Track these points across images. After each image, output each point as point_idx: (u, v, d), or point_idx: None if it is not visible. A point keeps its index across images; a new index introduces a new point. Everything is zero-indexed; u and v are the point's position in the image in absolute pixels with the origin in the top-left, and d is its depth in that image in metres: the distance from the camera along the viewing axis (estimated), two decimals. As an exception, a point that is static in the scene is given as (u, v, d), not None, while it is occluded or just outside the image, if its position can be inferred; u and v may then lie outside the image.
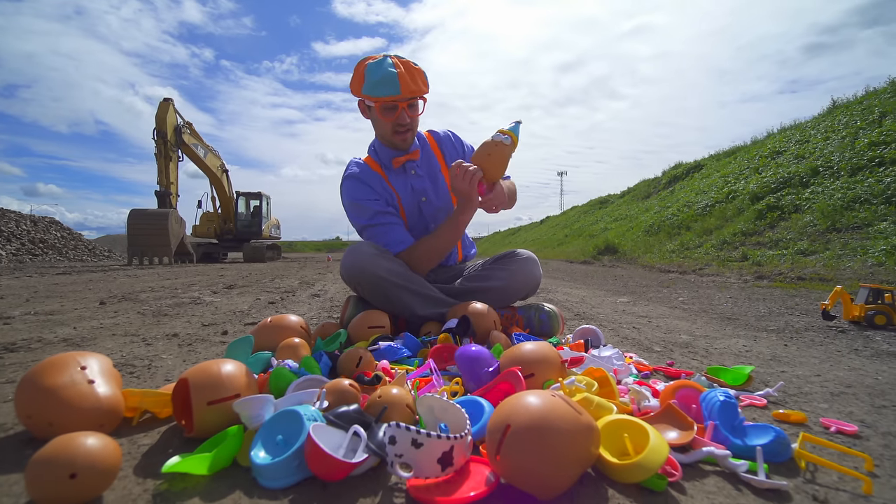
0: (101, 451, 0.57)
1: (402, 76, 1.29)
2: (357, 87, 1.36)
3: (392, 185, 1.50)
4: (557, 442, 0.56)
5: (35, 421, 0.71)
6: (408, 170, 1.52)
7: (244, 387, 0.77)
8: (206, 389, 0.72)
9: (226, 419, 0.72)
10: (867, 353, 1.42)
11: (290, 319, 1.32)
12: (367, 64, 1.33)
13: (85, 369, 0.77)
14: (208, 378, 0.74)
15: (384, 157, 1.50)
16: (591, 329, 1.38)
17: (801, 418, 0.84)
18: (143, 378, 1.09)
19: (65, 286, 3.71)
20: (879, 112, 7.06)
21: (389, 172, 1.50)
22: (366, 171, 1.49)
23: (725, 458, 0.65)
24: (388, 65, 1.30)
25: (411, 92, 1.32)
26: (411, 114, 1.39)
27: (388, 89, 1.29)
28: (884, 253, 3.94)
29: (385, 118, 1.37)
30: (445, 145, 1.61)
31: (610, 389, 0.86)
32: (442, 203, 1.57)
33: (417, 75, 1.34)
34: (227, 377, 0.75)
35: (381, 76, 1.29)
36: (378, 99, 1.32)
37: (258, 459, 0.62)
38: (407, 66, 1.32)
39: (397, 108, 1.35)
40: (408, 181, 1.52)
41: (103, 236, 37.84)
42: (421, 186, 1.53)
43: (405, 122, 1.38)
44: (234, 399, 0.73)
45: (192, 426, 0.72)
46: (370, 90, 1.31)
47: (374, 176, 1.49)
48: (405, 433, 0.58)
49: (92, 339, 1.54)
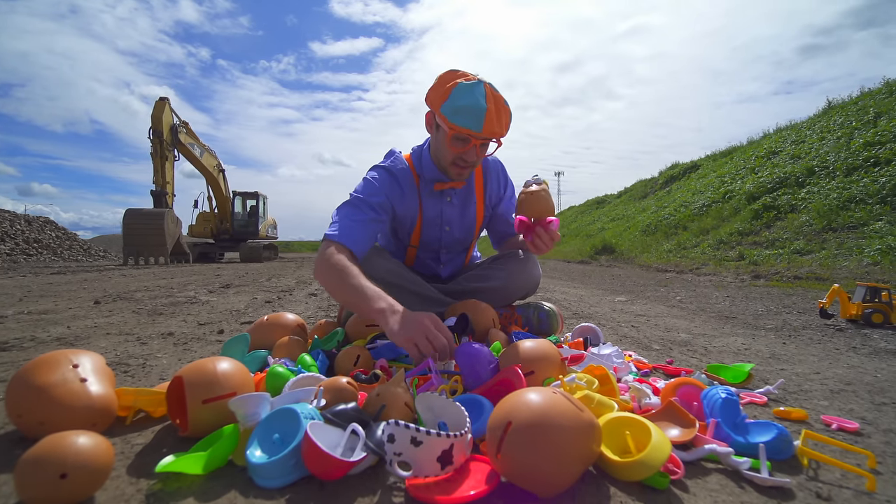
0: (93, 451, 0.56)
1: (490, 114, 1.16)
2: (436, 101, 1.20)
3: (421, 199, 1.41)
4: (559, 439, 0.55)
5: (26, 420, 0.69)
6: (444, 195, 1.42)
7: (240, 385, 0.75)
8: (201, 387, 0.71)
9: (221, 418, 0.70)
10: (865, 351, 1.42)
11: (287, 318, 1.31)
12: (458, 83, 1.17)
13: (77, 367, 0.76)
14: (203, 376, 0.73)
15: (428, 173, 1.38)
16: (590, 327, 1.37)
17: (802, 416, 0.84)
18: (137, 377, 1.08)
19: (59, 286, 3.68)
20: (874, 112, 7.10)
21: (425, 189, 1.40)
22: (404, 172, 1.37)
23: (728, 455, 0.64)
24: (481, 94, 1.16)
25: (492, 133, 1.19)
26: (481, 152, 1.27)
27: (470, 122, 1.16)
28: (879, 252, 3.97)
29: (453, 148, 1.23)
30: (490, 179, 1.49)
31: (610, 387, 0.85)
32: (461, 235, 1.50)
33: (504, 116, 1.21)
34: (223, 375, 0.74)
35: (469, 105, 1.15)
36: (454, 127, 1.18)
37: (254, 458, 0.61)
38: (498, 103, 1.19)
39: (469, 143, 1.22)
40: (440, 205, 1.42)
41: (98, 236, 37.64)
42: (450, 216, 1.44)
43: (471, 158, 1.26)
44: (229, 397, 0.71)
45: (186, 425, 0.71)
46: (450, 114, 1.17)
47: (410, 183, 1.37)
48: (404, 431, 0.57)
49: (86, 338, 1.52)
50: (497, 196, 1.54)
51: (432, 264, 1.55)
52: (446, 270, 1.59)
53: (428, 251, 1.52)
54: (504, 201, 1.56)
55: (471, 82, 1.17)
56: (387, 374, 0.99)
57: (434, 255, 1.54)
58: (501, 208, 1.56)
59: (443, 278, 1.59)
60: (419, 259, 1.54)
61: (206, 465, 0.61)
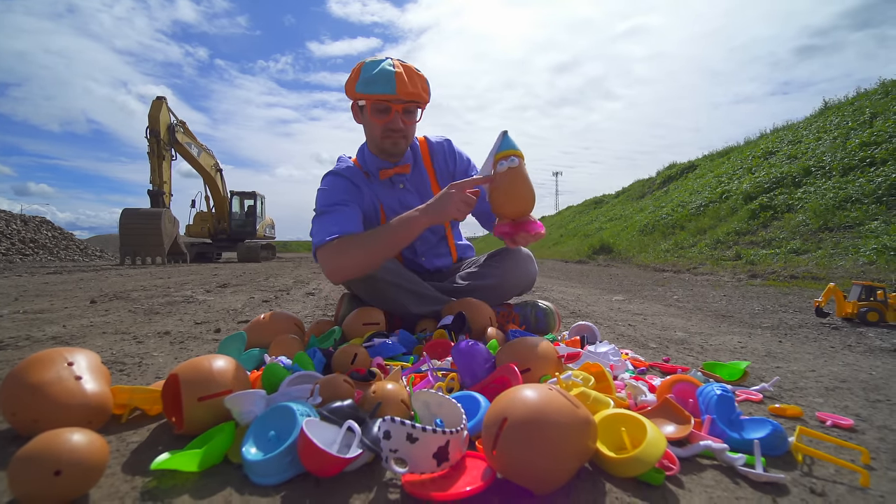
0: (87, 448, 0.55)
1: (401, 76, 1.21)
2: (351, 87, 1.28)
3: (378, 194, 1.41)
4: (555, 435, 0.55)
5: (20, 418, 0.69)
6: (395, 183, 1.42)
7: (236, 382, 0.75)
8: (196, 385, 0.71)
9: (217, 415, 0.70)
10: (860, 349, 1.42)
11: (284, 316, 1.31)
12: (364, 62, 1.25)
13: (72, 365, 0.75)
14: (199, 373, 0.72)
15: (371, 165, 1.39)
16: (587, 326, 1.38)
17: (797, 412, 0.84)
18: (133, 375, 1.07)
19: (55, 285, 3.66)
20: (870, 113, 7.14)
21: (374, 182, 1.41)
22: (353, 171, 1.40)
23: (723, 451, 0.65)
24: (388, 63, 1.22)
25: (408, 94, 1.22)
26: (406, 119, 1.29)
27: (382, 87, 1.21)
28: (875, 251, 3.99)
29: (376, 119, 1.27)
30: (437, 160, 1.50)
31: (606, 384, 0.85)
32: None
33: (418, 80, 1.25)
34: (219, 372, 0.74)
35: (377, 73, 1.21)
36: (370, 97, 1.23)
37: (250, 455, 0.60)
38: (408, 69, 1.24)
39: (390, 111, 1.25)
40: (395, 194, 1.43)
41: (95, 236, 37.47)
42: (410, 202, 1.42)
43: (398, 126, 1.28)
44: (225, 395, 0.71)
45: (182, 423, 0.71)
46: (363, 87, 1.23)
47: (361, 179, 1.40)
48: (400, 428, 0.56)
49: (81, 337, 1.51)
50: (448, 173, 1.50)
51: (410, 255, 1.53)
52: (430, 262, 1.56)
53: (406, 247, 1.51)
54: (459, 177, 1.47)
55: (376, 59, 1.25)
56: (383, 371, 0.99)
57: (409, 247, 1.48)
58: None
59: (430, 271, 1.57)
60: (404, 256, 1.53)
61: (201, 463, 0.60)
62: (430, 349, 1.08)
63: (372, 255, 1.22)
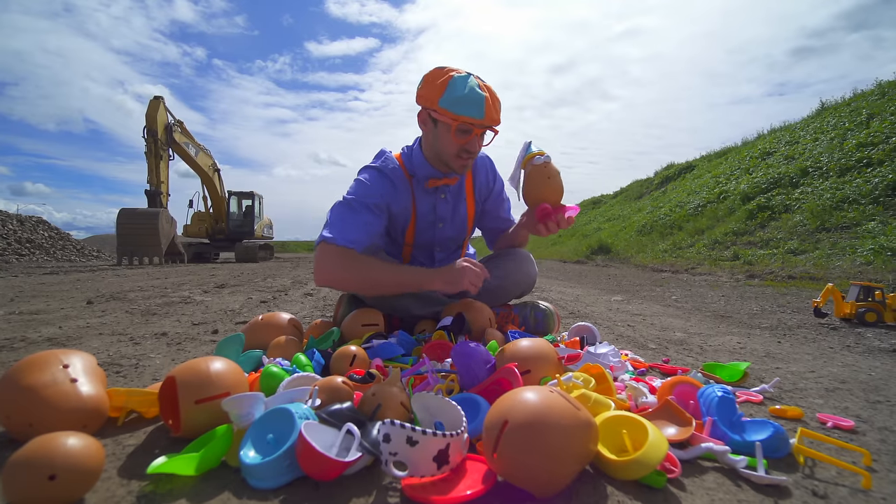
0: (82, 452, 0.55)
1: (489, 101, 1.19)
2: (432, 98, 1.21)
3: (415, 198, 1.40)
4: (555, 438, 0.55)
5: (14, 422, 0.68)
6: (438, 192, 1.42)
7: (234, 384, 0.75)
8: (193, 387, 0.70)
9: (214, 418, 0.69)
10: (859, 350, 1.42)
11: (282, 317, 1.30)
12: (451, 75, 1.20)
13: (67, 367, 0.74)
14: (196, 375, 0.72)
15: (421, 170, 1.37)
16: (586, 326, 1.37)
17: (797, 414, 0.84)
18: (129, 377, 1.06)
19: (51, 286, 3.64)
20: (867, 114, 7.16)
21: (417, 186, 1.40)
22: (397, 172, 1.37)
23: (724, 453, 0.64)
24: (476, 84, 1.19)
25: (493, 120, 1.22)
26: (481, 142, 1.29)
27: (472, 110, 1.18)
28: (872, 252, 4.00)
29: (457, 140, 1.24)
30: (479, 174, 1.50)
31: (607, 386, 0.85)
32: (455, 232, 1.50)
33: (498, 105, 1.24)
34: (216, 375, 0.73)
35: (468, 94, 1.17)
36: (458, 118, 1.19)
37: (248, 459, 0.60)
38: (492, 93, 1.22)
39: (472, 133, 1.24)
40: (432, 201, 1.42)
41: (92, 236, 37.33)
42: (443, 212, 1.44)
43: (475, 149, 1.27)
44: (223, 397, 0.70)
45: (179, 426, 0.70)
46: (451, 105, 1.19)
47: (402, 181, 1.38)
48: (400, 431, 0.56)
49: (77, 339, 1.50)
50: (486, 190, 1.53)
51: (427, 263, 1.54)
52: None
53: (422, 249, 1.51)
54: (493, 196, 1.54)
55: (462, 75, 1.21)
56: (382, 373, 0.99)
57: (428, 254, 1.53)
58: (490, 203, 1.54)
59: None
60: (414, 258, 1.53)
61: (198, 467, 0.60)
62: (430, 350, 1.08)
63: (369, 286, 1.27)
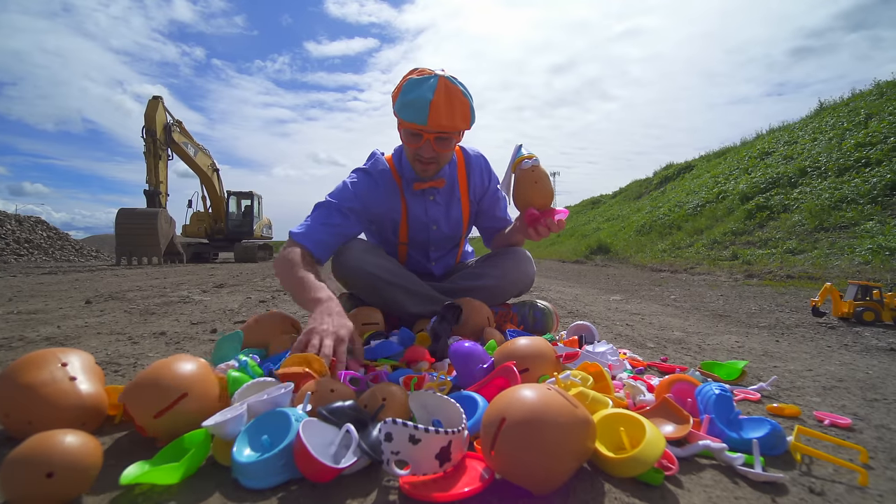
0: (80, 450, 0.55)
1: (436, 106, 1.13)
2: (393, 99, 1.24)
3: (404, 199, 1.40)
4: (553, 436, 0.55)
5: (13, 419, 0.68)
6: (427, 194, 1.42)
7: (191, 383, 0.70)
8: (145, 405, 0.66)
9: (184, 420, 0.66)
10: (857, 349, 1.43)
11: (281, 316, 1.30)
12: (409, 78, 1.18)
13: (66, 366, 0.74)
14: (144, 391, 0.67)
15: (407, 173, 1.38)
16: (585, 325, 1.37)
17: (794, 412, 0.84)
18: (128, 376, 1.07)
19: (50, 285, 3.64)
20: (865, 114, 7.18)
21: (407, 188, 1.40)
22: (385, 175, 1.37)
23: (722, 451, 0.64)
24: (429, 88, 1.13)
25: (440, 126, 1.16)
26: (438, 147, 1.23)
27: (414, 115, 1.15)
28: (870, 251, 4.01)
29: (408, 144, 1.25)
30: (473, 173, 1.48)
31: (605, 384, 0.85)
32: (450, 231, 1.50)
33: (458, 107, 1.16)
34: (167, 382, 0.68)
35: (414, 99, 1.14)
36: (402, 122, 1.20)
37: (241, 458, 0.59)
38: (450, 94, 1.15)
39: (422, 138, 1.21)
40: (423, 204, 1.42)
41: (91, 236, 37.25)
42: (435, 215, 1.44)
43: (427, 154, 1.25)
44: (181, 400, 0.67)
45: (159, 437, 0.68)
46: (399, 109, 1.19)
47: (391, 183, 1.37)
48: (402, 429, 0.56)
49: (76, 338, 1.50)
50: (481, 190, 1.52)
51: (423, 261, 1.55)
52: (438, 268, 1.58)
53: (417, 249, 1.52)
54: (488, 195, 1.53)
55: (422, 77, 1.16)
56: (370, 371, 0.98)
57: (424, 253, 1.53)
58: (486, 203, 1.54)
59: (436, 276, 1.58)
60: (411, 257, 1.54)
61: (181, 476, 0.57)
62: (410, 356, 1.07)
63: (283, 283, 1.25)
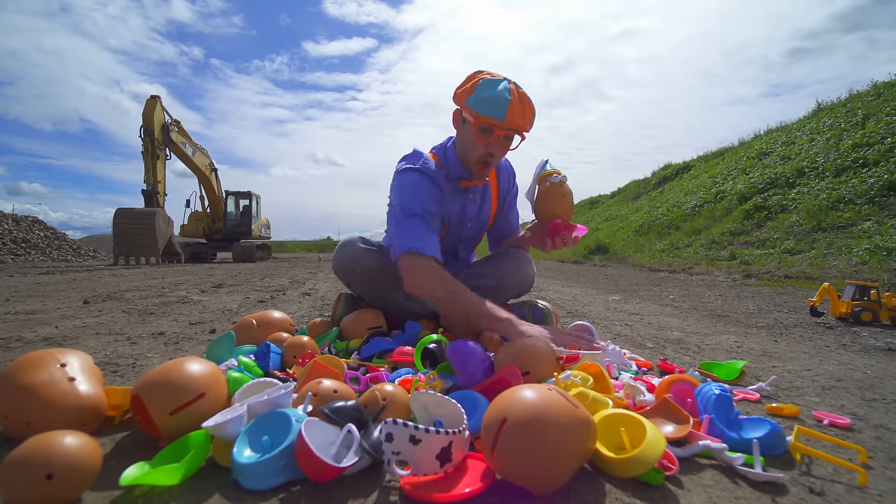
0: (80, 451, 0.55)
1: (514, 105, 1.20)
2: (462, 96, 1.25)
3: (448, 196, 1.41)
4: (554, 436, 0.55)
5: (12, 421, 0.68)
6: (468, 192, 1.44)
7: (207, 384, 0.71)
8: (163, 401, 0.67)
9: (196, 420, 0.67)
10: (855, 349, 1.43)
11: (273, 316, 1.30)
12: (482, 78, 1.23)
13: (65, 366, 0.74)
14: (160, 388, 0.68)
15: (455, 170, 1.39)
16: (584, 325, 1.37)
17: (794, 412, 0.84)
18: (127, 377, 1.06)
19: (47, 285, 3.62)
20: (862, 114, 7.21)
21: (450, 185, 1.41)
22: (438, 173, 1.35)
23: (722, 451, 0.65)
24: (504, 88, 1.21)
25: (515, 124, 1.22)
26: (504, 146, 1.30)
27: (493, 111, 1.20)
28: (867, 252, 4.02)
29: (478, 139, 1.26)
30: (502, 177, 1.54)
31: (605, 384, 0.85)
32: (475, 231, 1.52)
33: (528, 111, 1.24)
34: (185, 380, 0.69)
35: (493, 96, 1.20)
36: (479, 117, 1.22)
37: (241, 458, 0.58)
38: (522, 98, 1.23)
39: (493, 133, 1.25)
40: (462, 201, 1.44)
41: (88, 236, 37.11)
42: (471, 212, 1.47)
43: (495, 150, 1.29)
44: (198, 399, 0.68)
45: (163, 436, 0.68)
46: (475, 104, 1.21)
47: (443, 182, 1.37)
48: (403, 430, 0.56)
49: (74, 338, 1.49)
50: (505, 192, 1.56)
51: (450, 260, 1.53)
52: (463, 265, 1.58)
53: (447, 247, 1.51)
54: (509, 199, 1.58)
55: (495, 78, 1.23)
56: (372, 370, 0.98)
57: (453, 252, 1.53)
58: (506, 206, 1.57)
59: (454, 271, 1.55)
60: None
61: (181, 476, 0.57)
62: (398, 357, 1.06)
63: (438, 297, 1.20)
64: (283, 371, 1.02)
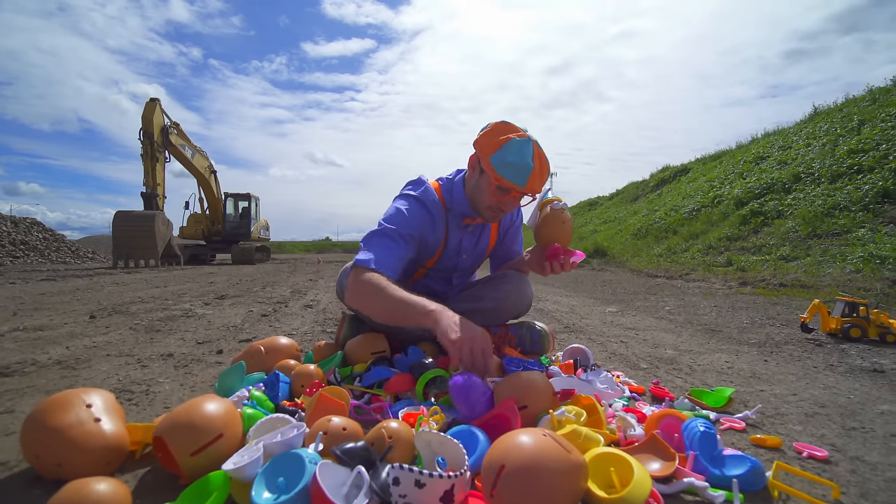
0: (112, 498, 0.59)
1: (535, 174, 1.24)
2: (487, 150, 1.25)
3: (448, 230, 1.46)
4: (549, 482, 0.60)
5: (43, 461, 0.72)
6: (467, 227, 1.49)
7: (225, 424, 0.76)
8: (184, 442, 0.71)
9: (216, 460, 0.71)
10: (842, 370, 1.49)
11: (281, 342, 1.34)
12: (511, 137, 1.23)
13: (90, 407, 0.79)
14: (183, 429, 0.73)
15: (459, 207, 1.42)
16: (580, 349, 1.43)
17: (776, 443, 0.89)
18: (141, 405, 1.11)
19: (52, 296, 3.66)
20: (858, 120, 7.28)
21: (452, 220, 1.45)
22: (437, 206, 1.41)
23: (705, 489, 0.70)
24: (529, 153, 1.23)
25: (532, 189, 1.27)
26: (516, 203, 1.36)
27: (516, 177, 1.23)
28: (861, 260, 4.08)
29: (494, 196, 1.30)
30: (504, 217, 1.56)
31: (598, 418, 0.90)
32: (471, 263, 1.57)
33: (545, 174, 1.28)
34: (204, 422, 0.74)
35: (517, 162, 1.22)
36: (500, 179, 1.24)
37: (261, 501, 0.63)
38: (542, 161, 1.26)
39: (509, 194, 1.29)
40: (461, 235, 1.49)
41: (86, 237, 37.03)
42: (468, 245, 1.51)
43: (509, 209, 1.35)
44: (217, 440, 0.73)
45: (184, 476, 0.72)
46: (499, 167, 1.23)
47: (440, 214, 1.41)
48: (409, 475, 0.61)
49: (86, 361, 1.54)
50: (508, 223, 1.61)
51: (442, 286, 1.59)
52: (454, 291, 1.63)
53: (440, 273, 1.56)
54: (513, 229, 1.62)
55: (522, 139, 1.24)
56: (376, 400, 1.03)
57: (446, 277, 1.58)
58: (509, 236, 1.62)
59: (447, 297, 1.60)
60: (429, 278, 1.57)
61: None
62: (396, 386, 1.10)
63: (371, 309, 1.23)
64: (292, 401, 1.06)
